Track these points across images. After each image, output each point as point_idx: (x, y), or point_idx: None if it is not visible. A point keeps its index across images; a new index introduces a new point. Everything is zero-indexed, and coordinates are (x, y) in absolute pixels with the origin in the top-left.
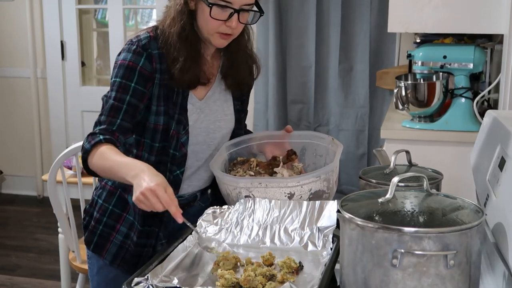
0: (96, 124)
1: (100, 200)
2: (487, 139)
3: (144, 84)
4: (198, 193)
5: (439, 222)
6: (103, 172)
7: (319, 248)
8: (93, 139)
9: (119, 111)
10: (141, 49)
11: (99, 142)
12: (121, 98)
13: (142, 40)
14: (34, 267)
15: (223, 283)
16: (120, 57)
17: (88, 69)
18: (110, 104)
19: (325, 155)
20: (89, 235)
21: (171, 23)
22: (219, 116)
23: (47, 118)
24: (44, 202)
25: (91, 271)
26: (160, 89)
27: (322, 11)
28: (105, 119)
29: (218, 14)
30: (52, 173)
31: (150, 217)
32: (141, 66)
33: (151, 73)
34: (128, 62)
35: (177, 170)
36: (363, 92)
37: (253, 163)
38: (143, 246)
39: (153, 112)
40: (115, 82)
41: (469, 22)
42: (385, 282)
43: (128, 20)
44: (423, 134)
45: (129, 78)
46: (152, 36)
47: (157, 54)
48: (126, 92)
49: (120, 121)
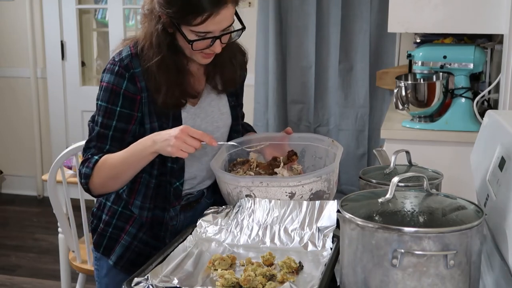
0: (85, 149)
1: (108, 202)
2: (487, 139)
3: (130, 106)
4: (204, 189)
5: (439, 222)
6: (115, 176)
7: (319, 248)
8: (90, 163)
9: (106, 138)
10: (123, 70)
11: (96, 162)
12: (107, 124)
13: (124, 60)
14: (34, 267)
15: (223, 283)
16: (104, 78)
17: (88, 69)
18: (96, 131)
19: (324, 157)
20: (98, 238)
21: (149, 50)
22: (216, 116)
23: (47, 118)
24: (44, 202)
25: (99, 273)
26: (149, 106)
27: (322, 10)
28: (94, 145)
29: (200, 44)
30: (52, 173)
31: (157, 224)
32: (124, 89)
33: (135, 94)
34: (112, 86)
35: (177, 182)
36: (363, 92)
37: (253, 164)
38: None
39: (148, 130)
40: (101, 106)
41: (469, 22)
42: (385, 282)
43: (128, 20)
44: (423, 134)
45: (114, 102)
46: (133, 53)
47: (140, 72)
48: (112, 117)
49: (109, 147)
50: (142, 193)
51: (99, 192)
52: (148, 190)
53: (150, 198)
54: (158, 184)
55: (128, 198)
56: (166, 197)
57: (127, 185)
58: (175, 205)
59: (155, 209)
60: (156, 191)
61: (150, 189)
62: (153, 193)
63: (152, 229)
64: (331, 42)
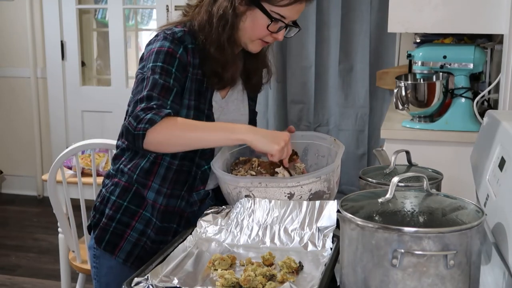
0: (144, 99)
1: (113, 196)
2: (487, 139)
3: (182, 72)
4: (210, 190)
5: (439, 222)
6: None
7: (319, 248)
8: (160, 111)
9: (170, 92)
10: (177, 41)
11: (168, 114)
12: (166, 80)
13: (177, 33)
14: (34, 267)
15: (223, 283)
16: (154, 45)
17: (88, 69)
18: (160, 83)
19: (327, 156)
20: (100, 232)
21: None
22: (236, 116)
23: (47, 118)
24: (44, 202)
25: (98, 272)
26: (192, 83)
27: (322, 11)
28: (157, 96)
29: (272, 26)
30: (52, 173)
31: (170, 213)
32: (180, 54)
33: (186, 65)
34: (167, 49)
35: (206, 165)
36: (363, 92)
37: (255, 163)
38: (160, 243)
39: (185, 105)
40: (156, 67)
41: (469, 22)
42: (385, 282)
43: (128, 20)
44: (423, 134)
45: (170, 63)
46: (186, 30)
47: (191, 49)
48: (169, 76)
49: (171, 104)
50: (161, 176)
51: (151, 146)
52: (168, 172)
53: (169, 182)
54: (180, 167)
55: (145, 180)
56: (186, 182)
57: (142, 167)
58: (200, 189)
59: (171, 196)
60: (177, 175)
61: (171, 172)
62: (173, 176)
63: (163, 221)
64: (331, 42)
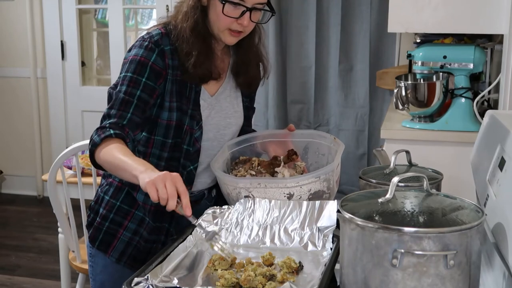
0: (104, 117)
1: (106, 196)
2: (487, 139)
3: (155, 80)
4: (205, 190)
5: (439, 222)
6: (110, 168)
7: (319, 248)
8: (103, 133)
9: (130, 105)
10: (153, 45)
11: (109, 137)
12: (131, 92)
13: (154, 37)
14: (34, 267)
15: (223, 283)
16: (131, 53)
17: (88, 69)
18: (120, 97)
19: (327, 154)
20: (94, 232)
21: (184, 17)
22: (230, 113)
23: (47, 118)
24: (44, 202)
25: (93, 270)
26: (172, 85)
27: (322, 11)
28: (115, 112)
29: (231, 11)
30: (52, 173)
31: (161, 213)
32: (152, 62)
33: (162, 69)
34: (139, 58)
35: (191, 165)
36: (363, 92)
37: (255, 163)
38: (153, 242)
39: (166, 108)
40: (126, 77)
41: (469, 22)
42: (385, 282)
43: (128, 20)
44: (423, 134)
45: (140, 73)
46: (164, 32)
47: (169, 50)
48: (137, 86)
49: (131, 116)
50: None
51: (99, 166)
52: None
53: None
54: (167, 168)
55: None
56: None
57: None
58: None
59: None
60: None
61: None
62: None
63: (155, 221)
64: (331, 42)
